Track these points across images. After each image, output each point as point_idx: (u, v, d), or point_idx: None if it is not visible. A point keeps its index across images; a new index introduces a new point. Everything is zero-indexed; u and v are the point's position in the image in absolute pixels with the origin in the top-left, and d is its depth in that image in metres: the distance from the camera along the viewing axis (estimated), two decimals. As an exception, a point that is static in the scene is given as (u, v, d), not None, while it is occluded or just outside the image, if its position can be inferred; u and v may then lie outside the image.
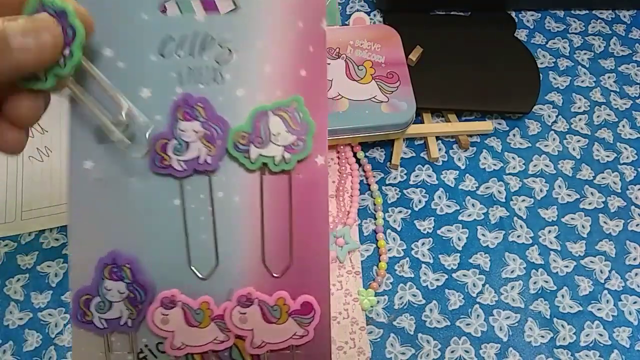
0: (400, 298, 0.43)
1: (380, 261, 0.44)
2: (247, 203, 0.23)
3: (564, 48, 0.55)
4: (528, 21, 0.56)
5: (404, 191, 0.47)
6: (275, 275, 0.22)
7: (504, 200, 0.47)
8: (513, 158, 0.49)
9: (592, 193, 0.48)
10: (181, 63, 0.23)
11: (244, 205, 0.23)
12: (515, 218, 0.46)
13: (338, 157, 0.48)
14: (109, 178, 0.23)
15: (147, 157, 0.23)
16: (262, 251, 0.23)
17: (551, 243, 0.45)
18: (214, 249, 0.23)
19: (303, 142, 0.22)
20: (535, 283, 0.44)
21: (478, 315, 0.42)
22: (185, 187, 0.23)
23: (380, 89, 0.45)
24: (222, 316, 0.22)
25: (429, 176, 0.48)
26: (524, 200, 0.47)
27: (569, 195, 0.47)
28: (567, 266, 0.44)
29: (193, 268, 0.23)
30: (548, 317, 0.42)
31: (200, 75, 0.23)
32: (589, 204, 0.47)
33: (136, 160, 0.22)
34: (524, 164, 0.49)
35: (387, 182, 0.48)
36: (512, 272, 0.44)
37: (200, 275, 0.23)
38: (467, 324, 0.42)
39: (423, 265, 0.44)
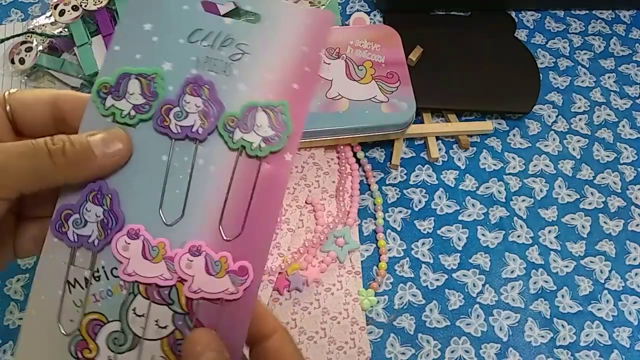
0: (400, 298, 0.43)
1: (380, 261, 0.44)
2: (219, 175, 0.27)
3: (564, 48, 0.55)
4: (528, 21, 0.56)
5: (404, 191, 0.47)
6: (225, 238, 0.26)
7: (504, 200, 0.47)
8: (513, 158, 0.49)
9: (592, 193, 0.48)
10: (202, 51, 0.28)
11: (216, 176, 0.27)
12: (515, 218, 0.46)
13: (338, 157, 0.48)
14: (116, 123, 0.27)
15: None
16: (221, 217, 0.26)
17: (551, 243, 0.45)
18: (183, 204, 0.27)
19: (279, 138, 0.27)
20: (535, 283, 0.44)
21: (478, 315, 0.42)
22: (174, 148, 0.27)
23: (380, 89, 0.45)
24: (173, 258, 0.26)
25: (429, 176, 0.48)
26: (524, 200, 0.47)
27: (569, 195, 0.47)
28: (567, 266, 0.44)
29: (161, 213, 0.26)
30: (548, 317, 0.42)
31: (214, 65, 0.28)
32: (589, 204, 0.47)
33: (142, 115, 0.27)
34: (524, 164, 0.49)
35: (387, 182, 0.48)
36: (512, 272, 0.44)
37: (165, 222, 0.26)
38: (467, 324, 0.42)
39: (423, 265, 0.44)
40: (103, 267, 0.26)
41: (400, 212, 0.46)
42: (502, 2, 0.56)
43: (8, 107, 0.27)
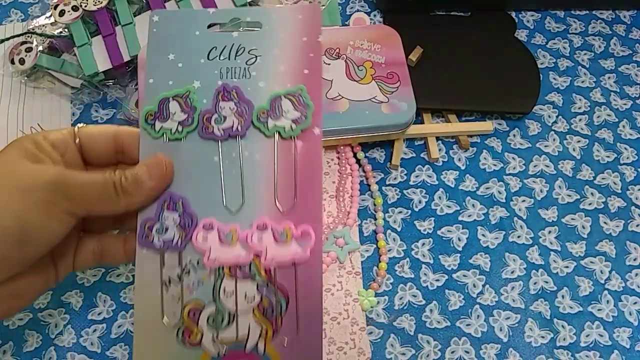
0: (401, 298, 0.43)
1: (380, 261, 0.44)
2: (265, 160, 0.31)
3: (564, 48, 0.55)
4: (528, 21, 0.56)
5: (404, 191, 0.47)
6: (282, 211, 0.31)
7: (504, 200, 0.47)
8: (513, 158, 0.49)
9: (592, 193, 0.48)
10: (221, 64, 0.33)
11: (262, 162, 0.31)
12: (515, 218, 0.46)
13: (338, 158, 0.48)
14: (169, 141, 0.31)
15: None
16: (275, 195, 0.31)
17: (551, 243, 0.45)
18: (241, 193, 0.31)
19: (305, 117, 0.31)
20: (535, 283, 0.44)
21: (478, 316, 0.42)
22: (222, 148, 0.31)
23: (380, 89, 0.45)
24: (245, 238, 0.30)
25: (429, 176, 0.48)
26: (524, 201, 0.47)
27: (569, 195, 0.47)
28: (567, 267, 0.44)
29: (226, 205, 0.31)
30: (548, 317, 0.42)
31: (234, 73, 0.32)
32: (589, 204, 0.47)
33: (188, 128, 0.32)
34: (524, 164, 0.49)
35: (387, 182, 0.48)
36: (512, 272, 0.44)
37: (231, 210, 0.31)
38: (468, 325, 0.42)
39: (423, 265, 0.44)
40: (190, 262, 0.30)
41: (401, 212, 0.46)
42: (502, 2, 0.56)
43: (77, 140, 0.32)
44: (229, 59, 0.32)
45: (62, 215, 0.28)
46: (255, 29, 0.33)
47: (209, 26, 0.34)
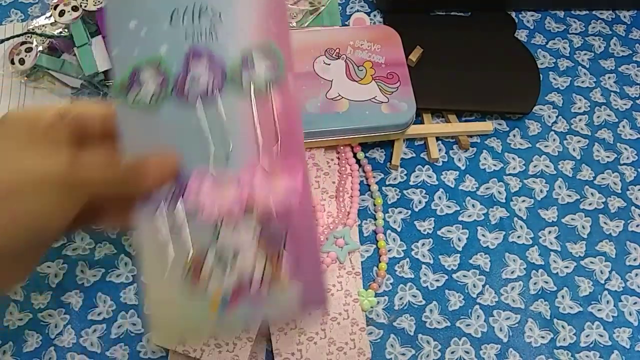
0: (401, 299, 0.43)
1: (380, 262, 0.44)
2: (244, 110, 0.32)
3: (564, 48, 0.55)
4: (528, 21, 0.56)
5: (404, 192, 0.47)
6: (269, 157, 0.32)
7: (504, 200, 0.47)
8: (513, 158, 0.49)
9: (592, 194, 0.48)
10: (186, 28, 0.32)
11: (242, 111, 0.32)
12: (515, 219, 0.46)
13: (338, 158, 0.47)
14: (145, 110, 0.32)
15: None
16: (258, 146, 0.32)
17: (551, 244, 0.45)
18: (229, 143, 0.32)
19: (277, 66, 0.32)
20: (535, 284, 0.44)
21: (478, 316, 0.42)
22: (201, 107, 0.32)
23: (380, 89, 0.45)
24: (238, 181, 0.31)
25: (429, 177, 0.48)
26: (524, 201, 0.47)
27: (569, 195, 0.47)
28: (567, 267, 0.44)
29: (215, 156, 0.32)
30: (548, 317, 0.42)
31: (200, 35, 0.32)
32: (589, 204, 0.47)
33: (163, 95, 0.32)
34: (524, 164, 0.49)
35: (387, 182, 0.48)
36: (512, 272, 0.44)
37: (220, 161, 0.32)
38: (467, 325, 0.42)
39: (423, 265, 0.44)
40: (185, 217, 0.31)
41: (400, 212, 0.46)
42: (502, 2, 0.56)
43: (66, 121, 0.31)
44: (193, 21, 0.32)
45: (76, 203, 0.29)
46: None
47: None
